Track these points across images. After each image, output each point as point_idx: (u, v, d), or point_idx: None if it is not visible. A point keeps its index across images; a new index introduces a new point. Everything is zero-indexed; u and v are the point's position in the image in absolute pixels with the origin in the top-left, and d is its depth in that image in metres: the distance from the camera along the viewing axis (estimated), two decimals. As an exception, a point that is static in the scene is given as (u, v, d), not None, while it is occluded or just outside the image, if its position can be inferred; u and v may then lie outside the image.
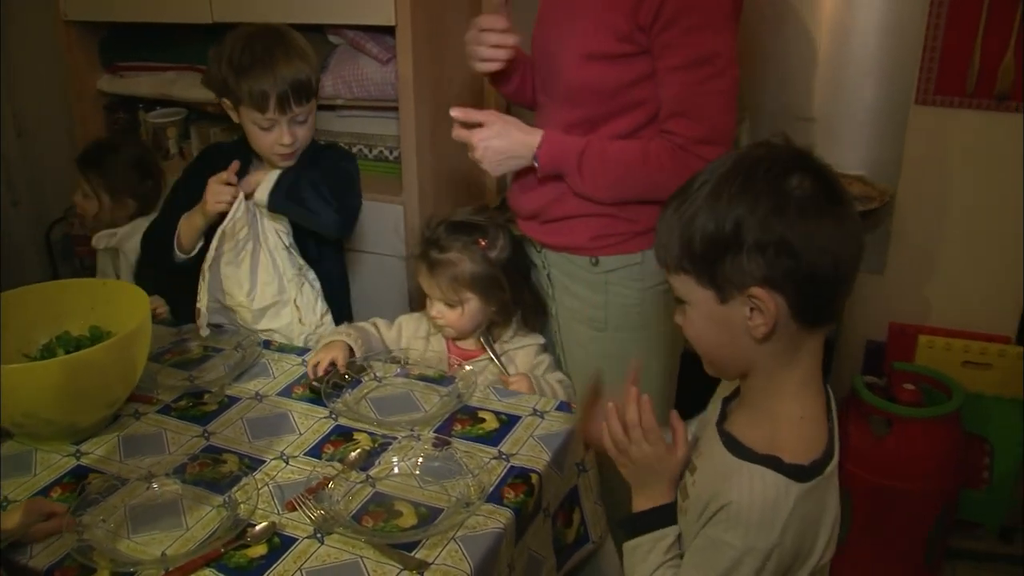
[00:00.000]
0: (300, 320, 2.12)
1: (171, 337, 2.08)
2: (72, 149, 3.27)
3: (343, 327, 2.05)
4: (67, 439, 1.67)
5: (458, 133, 1.84)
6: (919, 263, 2.66)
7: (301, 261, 2.13)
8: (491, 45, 1.84)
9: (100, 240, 2.54)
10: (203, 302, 2.02)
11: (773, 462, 1.09)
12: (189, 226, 2.05)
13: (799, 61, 2.60)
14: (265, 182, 2.00)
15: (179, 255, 2.08)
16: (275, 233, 2.08)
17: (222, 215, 2.01)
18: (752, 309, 1.08)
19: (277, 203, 2.00)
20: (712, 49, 1.65)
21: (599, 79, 1.73)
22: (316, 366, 1.87)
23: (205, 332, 2.01)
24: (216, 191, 1.98)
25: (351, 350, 1.93)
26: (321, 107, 2.75)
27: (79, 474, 1.57)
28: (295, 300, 2.11)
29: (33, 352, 1.79)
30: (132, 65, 3.04)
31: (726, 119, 1.69)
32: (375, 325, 2.07)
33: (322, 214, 2.03)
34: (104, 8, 2.88)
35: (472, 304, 1.95)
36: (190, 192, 2.09)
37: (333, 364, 1.87)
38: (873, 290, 2.73)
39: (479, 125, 1.81)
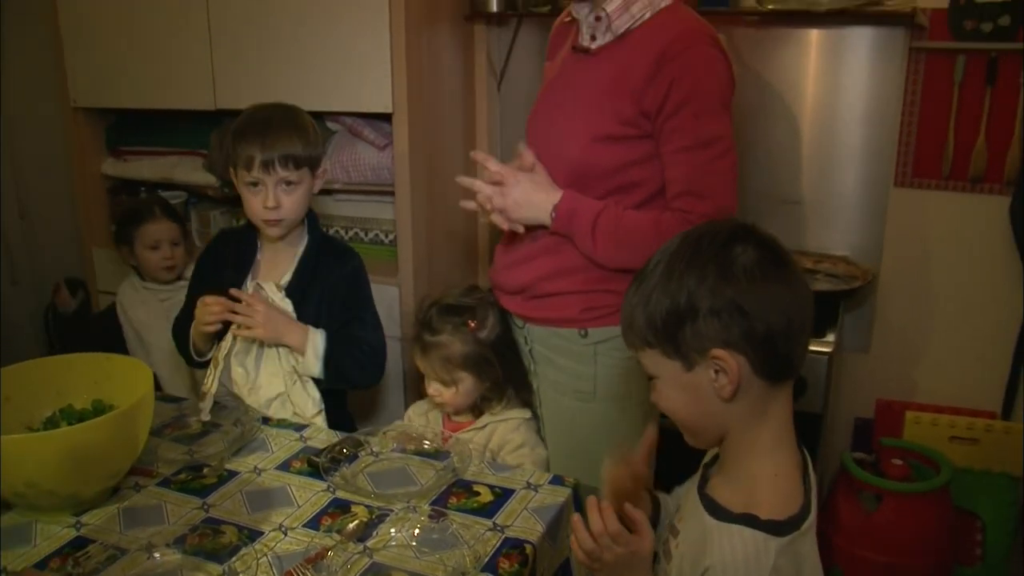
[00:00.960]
0: (295, 412, 2.14)
1: (172, 412, 2.11)
2: (74, 231, 3.35)
3: None
4: (68, 510, 1.69)
5: (488, 166, 1.91)
6: (904, 340, 2.72)
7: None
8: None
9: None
10: (213, 389, 2.07)
11: (749, 520, 1.14)
12: (196, 334, 2.14)
13: (785, 147, 2.69)
14: (311, 355, 2.06)
15: (196, 359, 2.18)
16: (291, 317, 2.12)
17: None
18: (716, 371, 1.15)
19: (326, 381, 2.11)
20: (715, 132, 1.76)
21: (601, 159, 1.83)
22: None
23: (207, 417, 2.05)
24: (202, 312, 2.06)
25: None
26: (319, 191, 2.83)
27: (79, 545, 1.59)
28: (289, 395, 2.14)
29: (36, 425, 1.82)
30: (135, 150, 3.13)
31: (731, 196, 1.79)
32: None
33: (361, 382, 2.18)
34: (112, 96, 2.98)
35: (466, 383, 2.03)
36: (207, 280, 2.17)
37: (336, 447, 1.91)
38: (859, 368, 2.78)
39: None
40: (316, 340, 2.06)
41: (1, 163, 3.49)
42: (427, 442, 1.92)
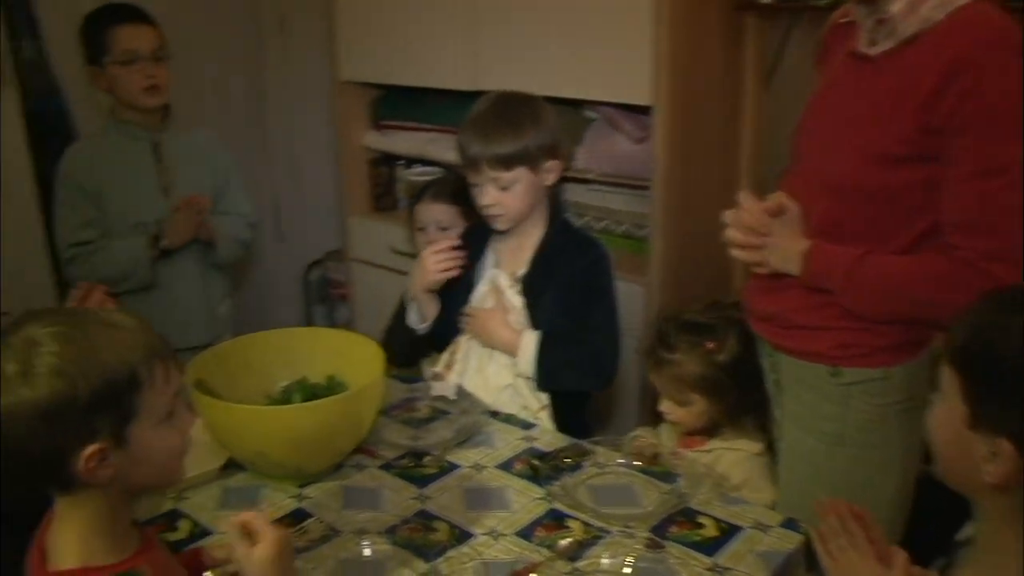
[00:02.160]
0: (523, 406, 2.09)
1: (402, 393, 2.11)
2: (338, 198, 3.48)
3: None
4: (294, 480, 1.73)
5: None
6: None
7: None
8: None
9: None
10: (455, 370, 2.11)
11: None
12: (419, 299, 2.15)
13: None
14: (523, 357, 2.02)
15: (419, 327, 2.18)
16: (519, 313, 2.07)
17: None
18: (993, 454, 0.99)
19: (540, 384, 2.05)
20: (1008, 158, 1.48)
21: (873, 180, 1.60)
22: None
23: (453, 396, 2.06)
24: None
25: None
26: (573, 180, 2.78)
27: (299, 517, 1.62)
28: (515, 386, 2.09)
29: (274, 393, 1.87)
30: (395, 124, 3.21)
31: (1019, 235, 1.52)
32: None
33: (579, 386, 2.10)
34: (376, 71, 3.07)
35: (699, 405, 1.93)
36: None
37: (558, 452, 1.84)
38: None
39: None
40: (529, 343, 2.01)
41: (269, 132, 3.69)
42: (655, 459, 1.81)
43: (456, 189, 2.47)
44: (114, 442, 1.07)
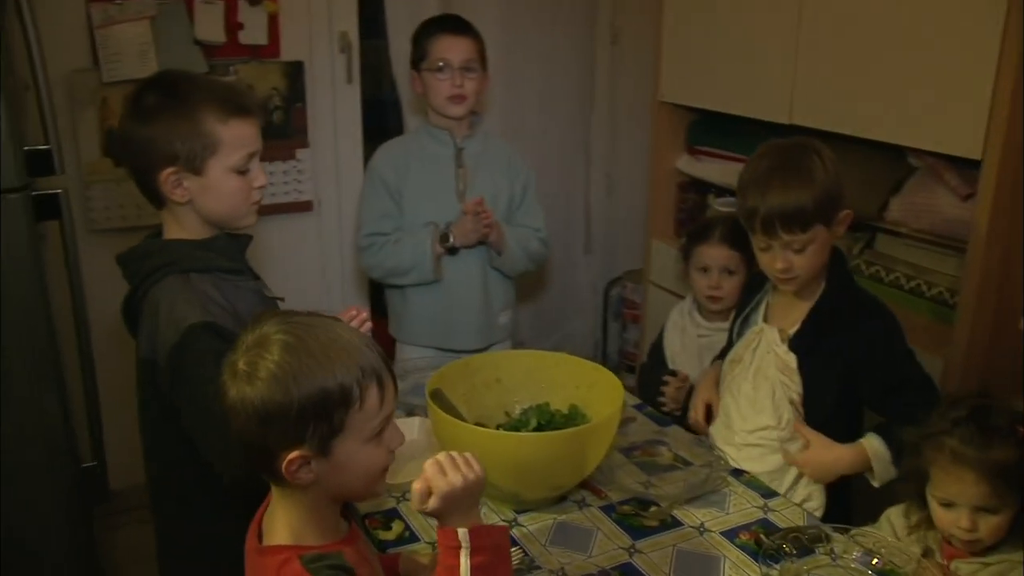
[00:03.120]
0: (795, 482, 1.91)
1: (650, 434, 2.04)
2: (644, 217, 3.43)
3: None
4: (511, 505, 1.73)
5: None
6: None
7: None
8: None
9: None
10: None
11: None
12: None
13: None
14: (878, 467, 1.82)
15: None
16: (792, 373, 1.90)
17: None
18: None
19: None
20: None
21: None
22: None
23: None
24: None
25: None
26: (884, 230, 2.54)
27: (506, 544, 1.60)
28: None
29: (513, 413, 1.88)
30: (709, 151, 3.12)
31: None
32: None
33: None
34: (694, 94, 3.01)
35: (1008, 511, 1.55)
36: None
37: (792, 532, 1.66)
38: None
39: None
40: (877, 452, 1.81)
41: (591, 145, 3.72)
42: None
43: (743, 234, 2.34)
44: (318, 451, 1.14)
